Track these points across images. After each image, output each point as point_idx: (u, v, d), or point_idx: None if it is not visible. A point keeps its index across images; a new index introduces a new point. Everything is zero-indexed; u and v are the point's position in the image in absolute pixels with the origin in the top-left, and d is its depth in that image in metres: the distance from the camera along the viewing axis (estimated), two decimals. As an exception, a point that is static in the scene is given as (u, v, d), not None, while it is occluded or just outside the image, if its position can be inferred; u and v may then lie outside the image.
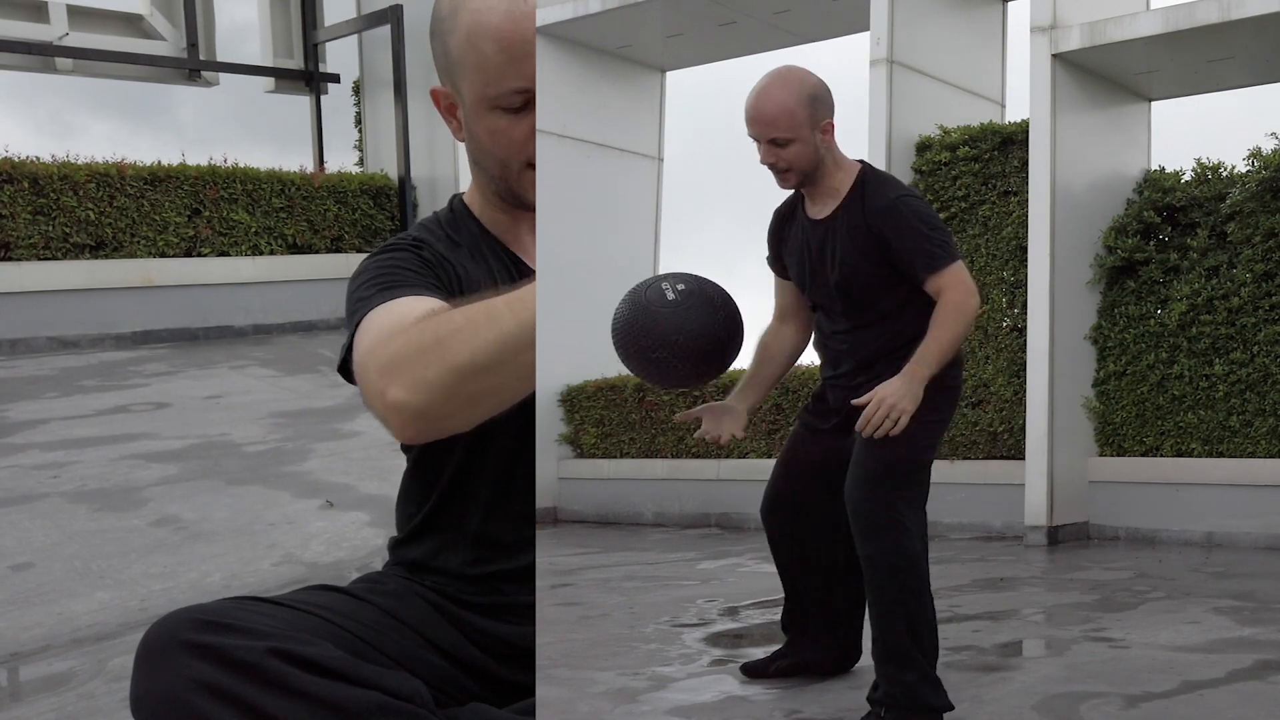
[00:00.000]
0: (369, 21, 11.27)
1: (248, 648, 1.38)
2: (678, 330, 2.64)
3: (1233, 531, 6.25)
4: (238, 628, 1.41)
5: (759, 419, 7.71)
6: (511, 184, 1.64)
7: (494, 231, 1.75)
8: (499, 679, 1.68)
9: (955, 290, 2.78)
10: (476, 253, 1.72)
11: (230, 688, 1.36)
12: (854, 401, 2.77)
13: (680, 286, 2.69)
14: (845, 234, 2.87)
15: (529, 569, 1.71)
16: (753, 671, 3.30)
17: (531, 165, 1.61)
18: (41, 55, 10.20)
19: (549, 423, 8.51)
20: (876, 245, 2.84)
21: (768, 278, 3.23)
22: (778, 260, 3.12)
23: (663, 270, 9.25)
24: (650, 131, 9.17)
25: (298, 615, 1.52)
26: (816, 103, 2.82)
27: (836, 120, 2.88)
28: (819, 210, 2.93)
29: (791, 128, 2.80)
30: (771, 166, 2.85)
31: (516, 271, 1.72)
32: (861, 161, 2.98)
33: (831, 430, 3.09)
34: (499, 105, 1.56)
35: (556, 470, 8.50)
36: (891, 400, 2.67)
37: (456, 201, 1.79)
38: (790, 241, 3.03)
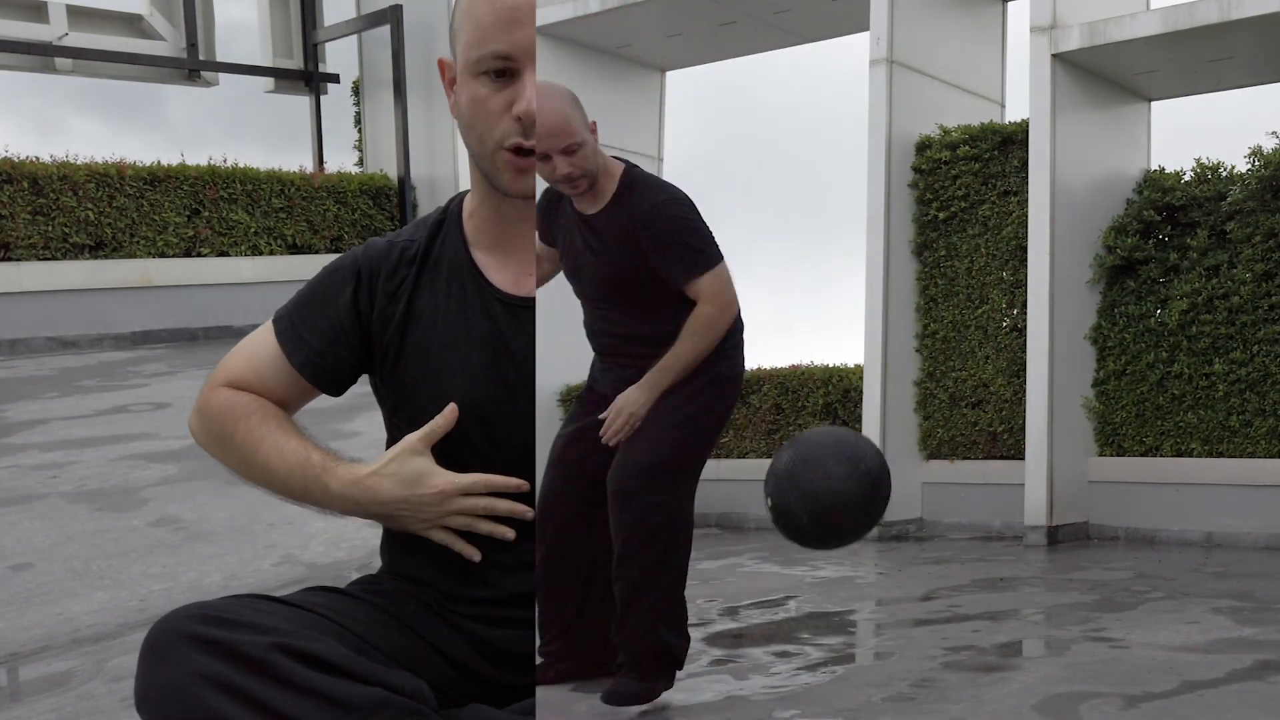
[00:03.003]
0: (369, 21, 11.27)
1: (253, 642, 1.38)
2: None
3: (1232, 531, 6.25)
4: (243, 623, 1.41)
5: (759, 419, 7.71)
6: (485, 163, 1.61)
7: (476, 242, 1.70)
8: (496, 683, 1.68)
9: (709, 302, 2.84)
10: (452, 273, 1.70)
11: (235, 682, 1.36)
12: (600, 416, 2.89)
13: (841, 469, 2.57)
14: (612, 235, 2.86)
15: (521, 596, 1.68)
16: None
17: (507, 149, 1.56)
18: (41, 55, 10.20)
19: (549, 423, 8.50)
20: (639, 248, 2.85)
21: (772, 278, 3.21)
22: (547, 236, 3.10)
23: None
24: (650, 131, 9.17)
25: (300, 613, 1.52)
26: (579, 105, 2.84)
27: (836, 120, 2.87)
28: (587, 206, 2.90)
29: (575, 132, 2.78)
30: (565, 179, 2.78)
31: (480, 301, 1.67)
32: (625, 162, 2.95)
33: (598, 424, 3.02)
34: (481, 69, 1.55)
35: (556, 470, 8.49)
36: (630, 409, 2.83)
37: (453, 206, 1.77)
38: (559, 226, 3.03)
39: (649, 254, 2.84)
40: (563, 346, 8.35)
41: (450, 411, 1.61)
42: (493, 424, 1.64)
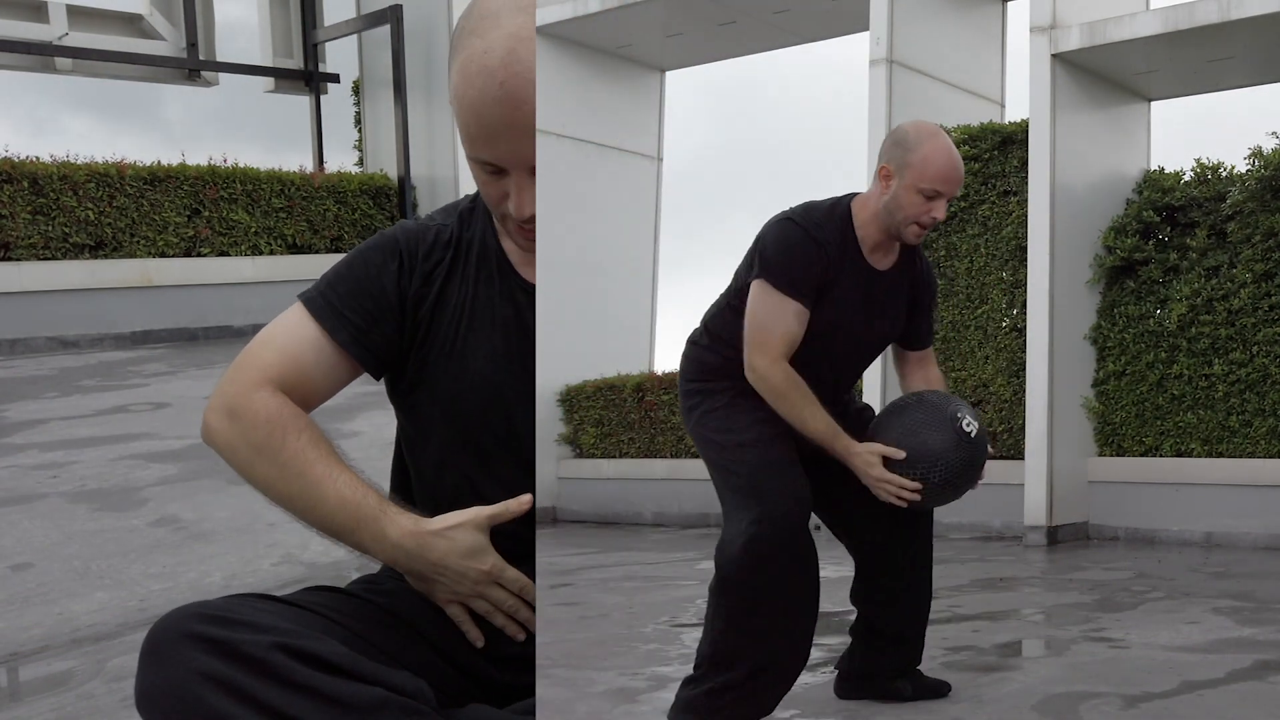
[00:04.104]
0: (369, 21, 11.27)
1: (254, 642, 1.39)
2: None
3: (1232, 531, 6.25)
4: (244, 622, 1.42)
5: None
6: (496, 220, 1.66)
7: (502, 231, 1.73)
8: (496, 682, 1.68)
9: (937, 369, 2.93)
10: (481, 260, 1.72)
11: (236, 681, 1.36)
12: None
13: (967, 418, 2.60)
14: (901, 291, 2.78)
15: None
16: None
17: (513, 219, 1.56)
18: (41, 55, 10.20)
19: (549, 422, 8.51)
20: (916, 308, 2.83)
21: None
22: (810, 290, 2.61)
23: (662, 270, 9.28)
24: (650, 131, 9.17)
25: (301, 613, 1.53)
26: None
27: (836, 120, 2.86)
28: (880, 260, 2.72)
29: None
30: (931, 225, 2.66)
31: (505, 289, 1.70)
32: None
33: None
34: (474, 160, 1.54)
35: (556, 470, 8.50)
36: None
37: (480, 195, 1.78)
38: (841, 281, 2.66)
39: (919, 316, 2.83)
40: (563, 346, 8.39)
41: (525, 500, 1.62)
42: (513, 409, 1.67)
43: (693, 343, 2.83)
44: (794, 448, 2.63)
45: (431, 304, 1.69)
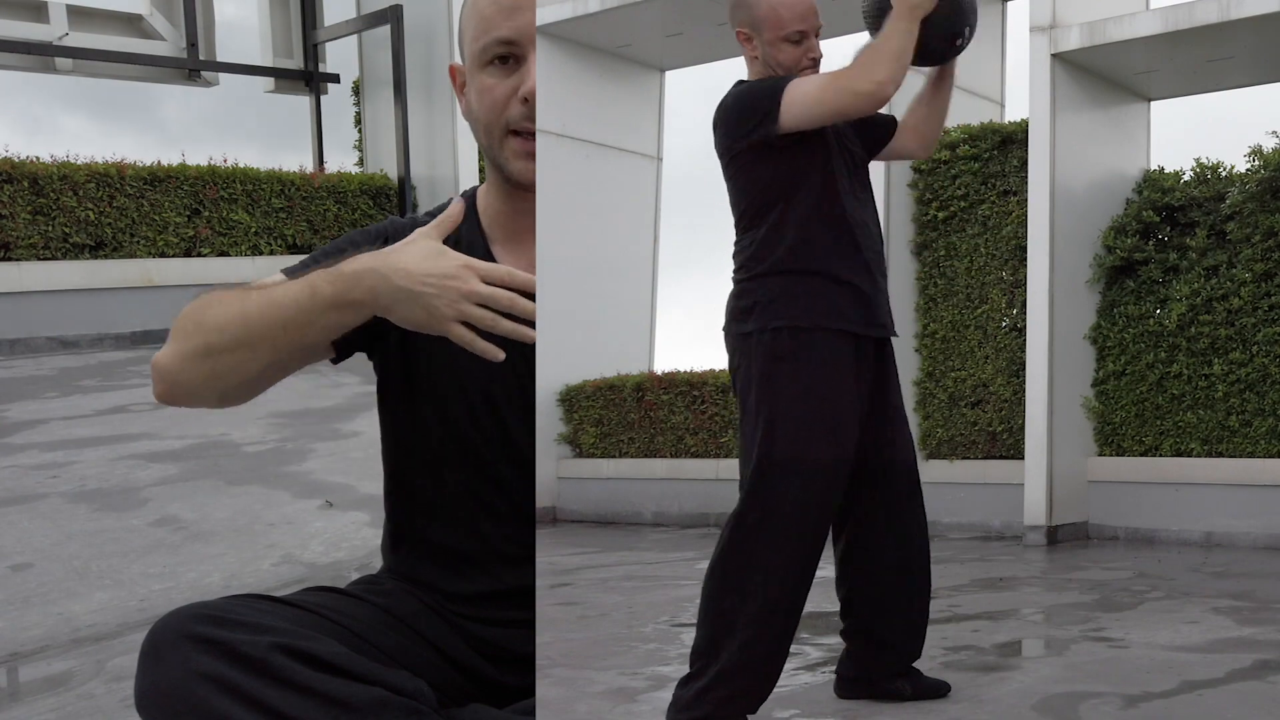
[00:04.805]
0: (369, 21, 11.27)
1: (253, 642, 1.39)
2: None
3: (1232, 531, 6.25)
4: (243, 623, 1.42)
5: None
6: (495, 153, 1.63)
7: (491, 233, 1.73)
8: (497, 682, 1.68)
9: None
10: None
11: (235, 681, 1.36)
12: None
13: None
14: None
15: (523, 590, 1.69)
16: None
17: (514, 132, 1.59)
18: (41, 55, 10.20)
19: (548, 422, 8.50)
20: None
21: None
22: None
23: (662, 270, 9.28)
24: (650, 131, 9.17)
25: (301, 613, 1.53)
26: None
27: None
28: None
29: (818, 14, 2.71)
30: (814, 62, 2.69)
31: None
32: None
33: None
34: (487, 59, 1.59)
35: (555, 470, 8.50)
36: None
37: (469, 197, 1.78)
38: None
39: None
40: (562, 346, 8.39)
41: (458, 206, 1.55)
42: (504, 410, 1.66)
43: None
44: None
45: None
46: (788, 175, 2.60)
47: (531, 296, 1.45)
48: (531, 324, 1.46)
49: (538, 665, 1.74)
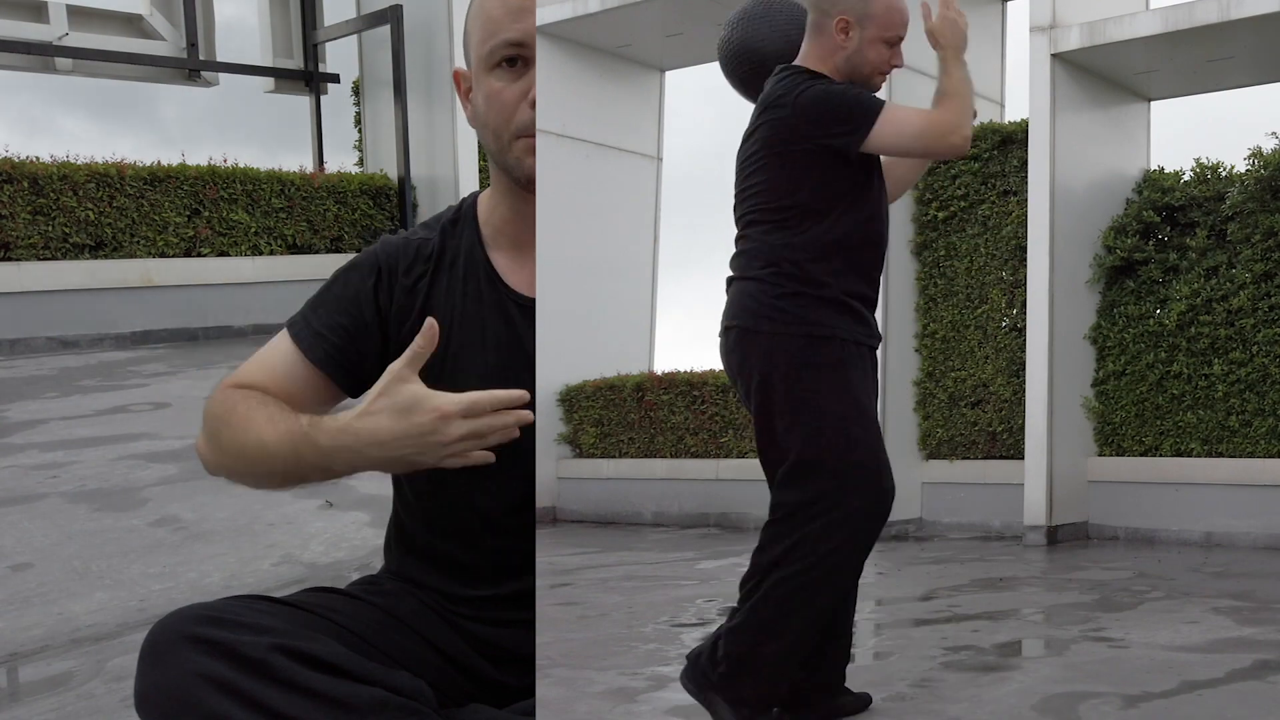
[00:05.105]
0: (369, 21, 11.26)
1: (253, 643, 1.39)
2: None
3: (1232, 531, 6.25)
4: (243, 624, 1.42)
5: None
6: (505, 156, 1.62)
7: (494, 243, 1.70)
8: (497, 682, 1.68)
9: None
10: (468, 273, 1.69)
11: (235, 682, 1.37)
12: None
13: None
14: None
15: (523, 594, 1.68)
16: None
17: (523, 136, 1.59)
18: (41, 55, 10.20)
19: (548, 422, 8.51)
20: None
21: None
22: None
23: (662, 270, 9.28)
24: (650, 131, 9.17)
25: (300, 614, 1.53)
26: None
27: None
28: None
29: None
30: (894, 68, 2.69)
31: (496, 303, 1.67)
32: None
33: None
34: (495, 61, 1.58)
35: (555, 470, 8.50)
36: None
37: (467, 205, 1.76)
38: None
39: None
40: (563, 346, 8.39)
41: (430, 328, 1.47)
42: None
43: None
44: None
45: (415, 318, 1.66)
46: (849, 186, 2.58)
47: (525, 405, 1.47)
48: (522, 430, 1.48)
49: (538, 665, 1.74)
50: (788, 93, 2.57)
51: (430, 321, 1.47)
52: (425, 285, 1.69)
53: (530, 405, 1.64)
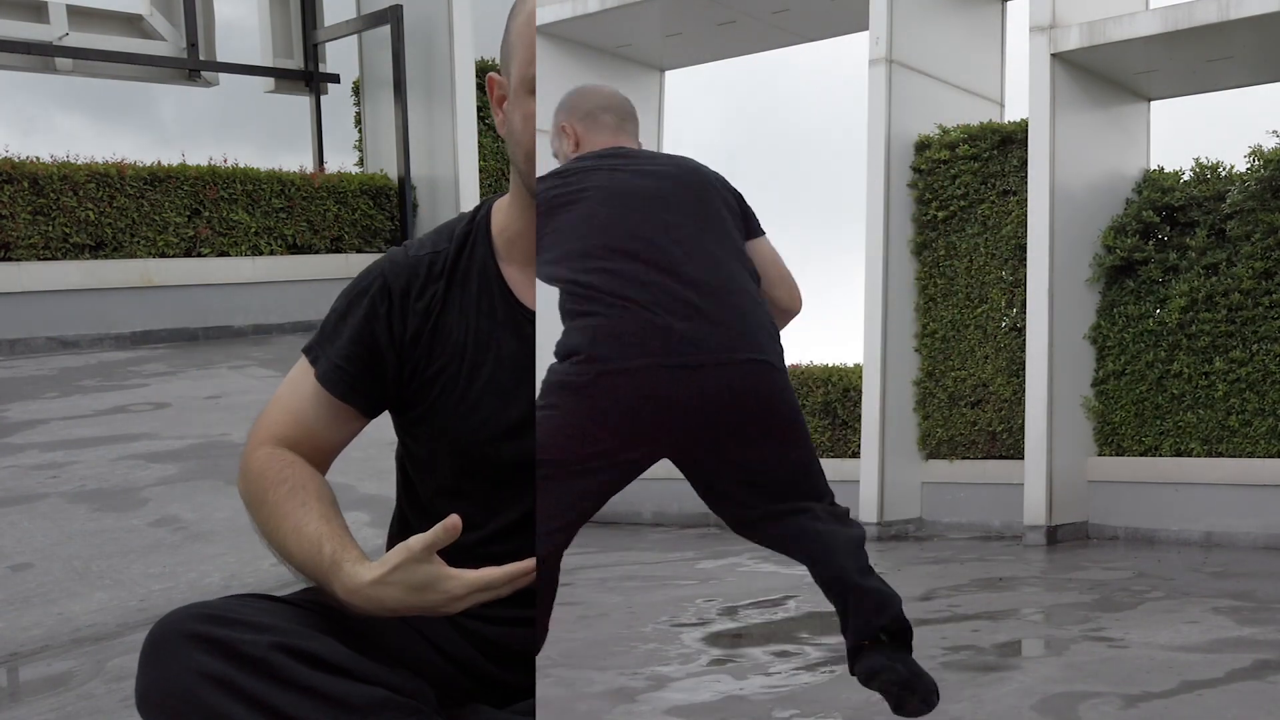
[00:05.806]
0: (369, 21, 11.26)
1: (253, 642, 1.39)
2: None
3: (1232, 531, 6.25)
4: (243, 622, 1.42)
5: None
6: (532, 177, 1.63)
7: (507, 256, 1.69)
8: (497, 681, 1.68)
9: None
10: (481, 289, 1.68)
11: (236, 681, 1.37)
12: None
13: None
14: None
15: (524, 593, 1.68)
16: None
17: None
18: (41, 55, 10.20)
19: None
20: None
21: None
22: None
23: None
24: (650, 131, 9.17)
25: (301, 612, 1.53)
26: None
27: (836, 120, 2.75)
28: None
29: None
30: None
31: (510, 320, 1.66)
32: None
33: None
34: (535, 86, 1.57)
35: (556, 470, 8.50)
36: None
37: (480, 216, 1.74)
38: None
39: None
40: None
41: (452, 523, 1.46)
42: (523, 445, 1.65)
43: None
44: None
45: (429, 337, 1.66)
46: None
47: (528, 574, 1.46)
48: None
49: (538, 665, 1.74)
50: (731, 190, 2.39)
51: (453, 518, 1.46)
52: (438, 304, 1.68)
53: (532, 412, 1.65)
